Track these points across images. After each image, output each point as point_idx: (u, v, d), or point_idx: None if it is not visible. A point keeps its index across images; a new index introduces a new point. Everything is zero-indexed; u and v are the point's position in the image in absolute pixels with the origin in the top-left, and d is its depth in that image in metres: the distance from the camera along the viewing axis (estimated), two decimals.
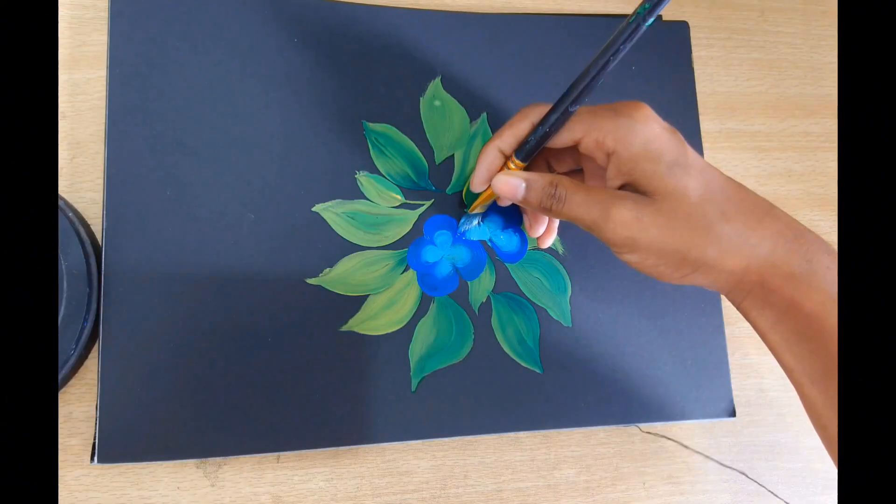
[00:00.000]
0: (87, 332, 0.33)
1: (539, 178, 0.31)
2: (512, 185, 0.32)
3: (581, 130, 0.30)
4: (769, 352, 0.30)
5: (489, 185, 0.33)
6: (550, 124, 0.30)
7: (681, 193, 0.28)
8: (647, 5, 0.25)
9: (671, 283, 0.30)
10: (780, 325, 0.29)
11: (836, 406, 0.26)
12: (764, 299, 0.29)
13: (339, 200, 0.38)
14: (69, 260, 0.33)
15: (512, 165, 0.32)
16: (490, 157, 0.33)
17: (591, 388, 0.39)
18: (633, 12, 0.26)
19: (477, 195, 0.36)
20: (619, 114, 0.29)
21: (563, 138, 0.31)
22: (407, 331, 0.38)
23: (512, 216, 0.40)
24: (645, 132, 0.28)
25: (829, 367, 0.27)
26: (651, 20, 0.26)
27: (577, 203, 0.30)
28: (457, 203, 0.40)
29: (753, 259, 0.28)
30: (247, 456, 0.36)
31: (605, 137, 0.29)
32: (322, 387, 0.36)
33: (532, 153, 0.32)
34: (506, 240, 0.40)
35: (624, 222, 0.28)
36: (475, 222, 0.39)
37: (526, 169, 0.33)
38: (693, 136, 0.44)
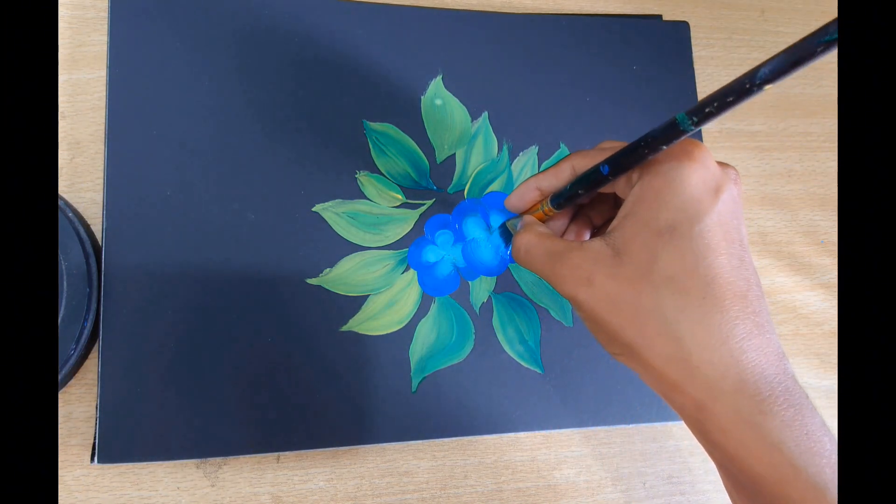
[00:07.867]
0: (87, 332, 0.33)
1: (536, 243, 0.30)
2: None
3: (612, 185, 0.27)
4: None
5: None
6: (586, 185, 0.28)
7: (646, 263, 0.23)
8: (692, 119, 0.23)
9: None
10: (724, 472, 0.25)
11: None
12: (705, 434, 0.23)
13: (340, 200, 0.38)
14: (69, 260, 0.33)
15: (546, 208, 0.32)
16: (526, 188, 0.32)
17: (592, 388, 0.39)
18: (674, 118, 0.24)
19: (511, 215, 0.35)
20: (661, 162, 0.25)
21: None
22: (407, 331, 0.38)
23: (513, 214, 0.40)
24: (657, 185, 0.24)
25: None
26: (693, 130, 0.24)
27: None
28: (457, 203, 0.40)
29: (701, 377, 0.22)
30: (247, 456, 0.36)
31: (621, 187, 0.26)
32: (322, 387, 0.36)
33: (564, 206, 0.31)
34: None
35: (575, 273, 0.25)
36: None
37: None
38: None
